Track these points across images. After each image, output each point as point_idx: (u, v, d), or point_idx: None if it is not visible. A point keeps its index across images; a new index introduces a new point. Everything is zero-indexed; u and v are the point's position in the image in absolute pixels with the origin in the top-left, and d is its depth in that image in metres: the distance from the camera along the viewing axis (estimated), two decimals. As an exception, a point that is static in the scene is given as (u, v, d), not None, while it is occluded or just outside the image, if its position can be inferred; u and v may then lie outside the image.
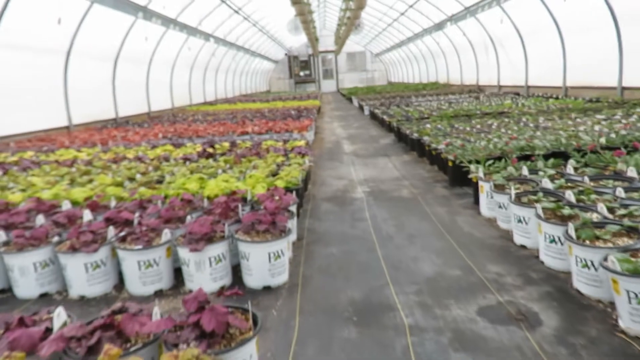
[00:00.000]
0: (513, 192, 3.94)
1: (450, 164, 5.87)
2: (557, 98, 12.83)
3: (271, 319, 2.94)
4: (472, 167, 5.06)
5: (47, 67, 10.72)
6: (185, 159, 6.67)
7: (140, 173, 5.87)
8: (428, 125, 8.68)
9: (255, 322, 2.23)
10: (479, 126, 8.49)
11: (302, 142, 7.45)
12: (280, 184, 4.82)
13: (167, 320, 2.03)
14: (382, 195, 5.75)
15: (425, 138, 7.55)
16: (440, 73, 25.65)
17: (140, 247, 3.33)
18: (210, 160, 6.45)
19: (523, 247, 3.79)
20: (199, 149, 7.46)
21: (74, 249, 3.33)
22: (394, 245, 4.07)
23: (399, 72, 35.98)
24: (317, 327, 2.81)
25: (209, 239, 3.36)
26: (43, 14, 9.25)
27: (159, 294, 3.41)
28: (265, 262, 3.34)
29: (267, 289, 3.37)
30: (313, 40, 26.79)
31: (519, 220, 3.77)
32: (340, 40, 28.29)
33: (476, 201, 4.99)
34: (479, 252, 3.78)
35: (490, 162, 5.18)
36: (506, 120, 9.06)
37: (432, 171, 6.92)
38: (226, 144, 7.64)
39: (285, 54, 39.12)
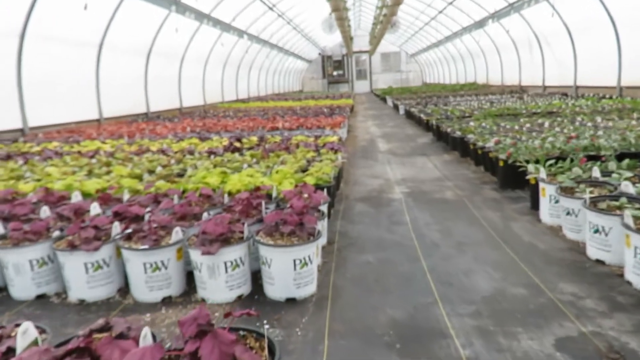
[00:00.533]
0: (587, 196, 3.27)
1: (501, 163, 5.21)
2: (610, 98, 11.82)
3: (294, 340, 2.41)
4: (531, 167, 4.39)
5: (79, 60, 10.60)
6: (210, 153, 6.25)
7: (162, 166, 5.47)
8: (472, 124, 7.98)
9: (271, 352, 1.71)
10: (528, 125, 7.73)
11: (334, 138, 6.91)
12: (310, 180, 4.30)
13: (155, 349, 1.52)
14: (423, 197, 5.14)
15: (470, 136, 6.88)
16: (479, 73, 24.60)
17: (146, 246, 2.87)
18: (237, 155, 6.00)
19: (600, 262, 3.13)
20: (226, 142, 7.03)
21: (72, 247, 2.91)
22: (440, 254, 3.47)
23: (435, 72, 34.95)
24: (350, 355, 2.26)
25: (224, 240, 2.87)
26: (75, 5, 9.07)
27: (167, 301, 2.94)
28: (290, 270, 2.82)
29: (291, 301, 2.85)
30: (347, 39, 26.24)
31: (596, 231, 3.11)
32: (375, 40, 27.62)
33: (534, 206, 4.33)
34: (545, 267, 3.14)
35: (550, 162, 4.50)
36: (558, 119, 8.25)
37: (478, 172, 6.25)
38: (254, 139, 7.19)
39: (319, 54, 38.71)
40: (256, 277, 3.07)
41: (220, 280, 2.83)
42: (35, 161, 5.92)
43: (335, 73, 38.95)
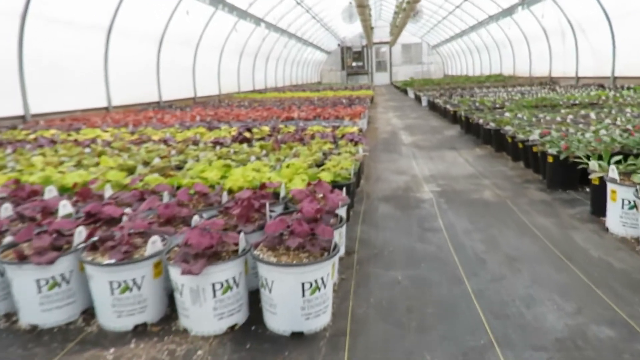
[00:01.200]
0: (686, 203, 2.50)
1: (550, 159, 4.42)
2: (655, 90, 10.78)
3: (300, 400, 1.73)
4: (593, 164, 3.61)
5: (87, 44, 10.07)
6: (216, 143, 5.59)
7: (160, 157, 4.84)
8: (507, 114, 7.16)
9: None
10: (571, 117, 6.87)
11: (354, 129, 6.19)
12: (325, 177, 3.60)
13: None
14: (457, 197, 4.40)
15: (507, 128, 6.08)
16: (505, 65, 23.44)
17: (112, 261, 2.22)
18: (245, 146, 5.33)
19: None
20: (235, 132, 6.37)
21: (21, 258, 2.27)
22: (488, 273, 2.74)
23: (457, 64, 33.75)
24: None
25: (213, 254, 2.20)
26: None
27: (140, 330, 2.29)
28: (297, 296, 2.14)
29: (297, 336, 2.17)
30: (368, 28, 25.32)
31: (701, 250, 2.35)
32: (397, 30, 26.64)
33: (596, 211, 3.56)
34: (630, 295, 2.39)
35: (616, 159, 3.70)
36: (604, 110, 7.36)
37: (517, 168, 5.46)
38: (266, 128, 6.51)
39: (338, 45, 37.81)
40: (256, 299, 2.40)
41: (206, 307, 2.16)
42: (25, 150, 5.35)
43: (354, 64, 38.03)
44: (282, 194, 3.19)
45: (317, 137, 5.46)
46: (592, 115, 6.87)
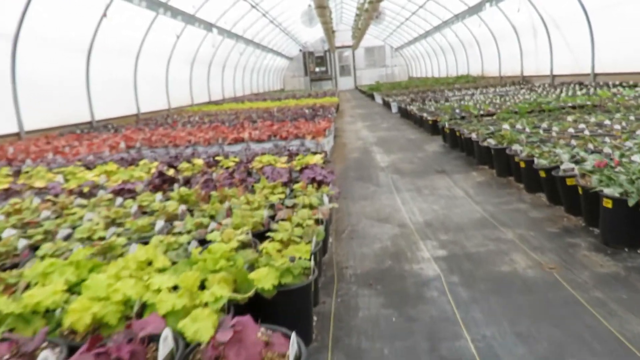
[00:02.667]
0: None
1: (607, 203, 2.92)
2: (646, 87, 9.67)
3: None
4: None
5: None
6: (121, 193, 3.86)
7: (21, 224, 3.11)
8: (506, 127, 5.69)
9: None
10: (583, 125, 5.47)
11: (316, 158, 4.55)
12: (264, 278, 1.96)
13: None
14: (477, 271, 2.82)
15: (516, 148, 4.59)
16: (473, 65, 22.41)
17: None
18: (158, 197, 3.61)
19: None
20: (155, 170, 4.63)
21: None
22: None
23: (422, 66, 32.75)
24: None
25: None
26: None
27: None
28: None
29: None
30: (329, 32, 23.84)
31: None
32: (359, 32, 25.28)
33: None
34: None
35: None
36: (617, 116, 6.02)
37: (542, 206, 3.96)
38: (199, 162, 4.78)
39: (300, 50, 36.22)
40: None
41: None
42: None
43: (317, 70, 36.53)
44: (162, 352, 1.50)
45: (266, 177, 3.79)
46: (608, 122, 5.50)
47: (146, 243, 2.63)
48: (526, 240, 3.22)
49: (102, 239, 2.87)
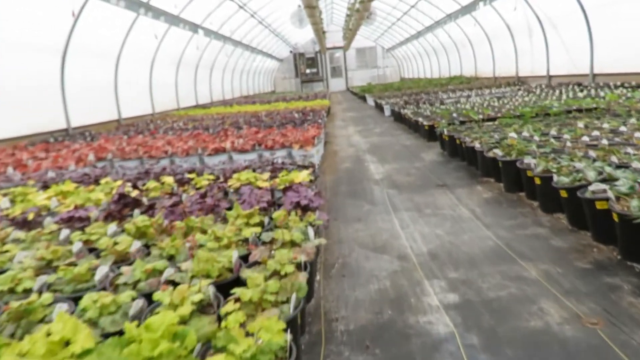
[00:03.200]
0: None
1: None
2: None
3: None
4: None
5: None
6: (70, 220, 3.24)
7: None
8: (512, 135, 5.13)
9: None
10: (597, 133, 4.94)
11: (303, 175, 3.95)
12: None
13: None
14: (499, 326, 2.24)
15: (530, 162, 4.03)
16: (466, 65, 21.93)
17: None
18: (110, 229, 2.99)
19: None
20: (120, 188, 4.00)
21: None
22: None
23: (414, 67, 32.27)
24: None
25: None
26: None
27: None
28: None
29: None
30: (320, 33, 23.27)
31: None
32: (350, 33, 24.73)
33: None
34: None
35: None
36: (632, 121, 5.49)
37: (563, 230, 3.39)
38: (169, 180, 4.16)
39: (290, 51, 35.60)
40: None
41: None
42: None
43: (308, 71, 35.92)
44: None
45: (237, 208, 3.17)
46: (623, 128, 4.97)
47: (80, 298, 2.04)
48: (554, 279, 2.65)
49: (27, 291, 2.27)
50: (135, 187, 4.07)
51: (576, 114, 6.75)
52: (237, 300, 1.91)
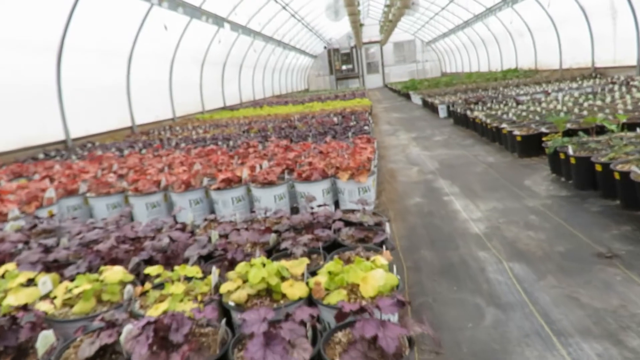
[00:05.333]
0: None
1: None
2: None
3: None
4: None
5: None
6: None
7: None
8: None
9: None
10: None
11: (377, 279, 1.86)
12: None
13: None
14: None
15: None
16: (523, 56, 19.14)
17: None
18: None
19: None
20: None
21: None
22: None
23: (457, 61, 29.48)
24: None
25: None
26: None
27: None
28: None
29: None
30: (357, 25, 21.04)
31: None
32: (390, 25, 22.36)
33: None
34: None
35: None
36: None
37: None
38: (114, 279, 2.15)
39: (325, 47, 33.46)
40: None
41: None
42: None
43: (344, 68, 33.69)
44: None
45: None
46: None
47: None
48: None
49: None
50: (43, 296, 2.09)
51: None
52: None
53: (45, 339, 1.67)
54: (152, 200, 4.25)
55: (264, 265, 1.96)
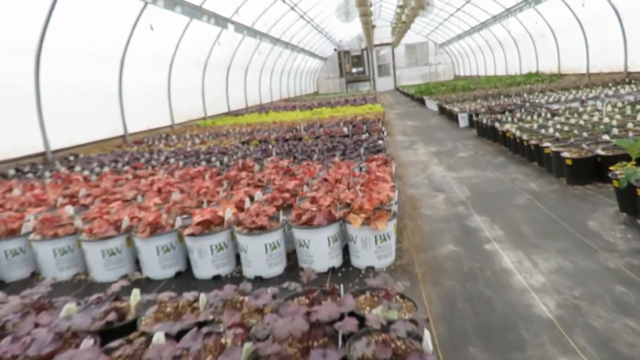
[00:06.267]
0: None
1: None
2: None
3: None
4: None
5: None
6: None
7: None
8: None
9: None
10: None
11: None
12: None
13: None
14: None
15: None
16: (544, 60, 17.97)
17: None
18: None
19: None
20: None
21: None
22: None
23: (472, 64, 28.29)
24: None
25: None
26: None
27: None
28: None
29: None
30: (369, 26, 20.01)
31: None
32: (403, 26, 21.31)
33: None
34: None
35: None
36: None
37: None
38: None
39: (335, 49, 32.47)
40: None
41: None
42: None
43: (354, 70, 32.66)
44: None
45: None
46: None
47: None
48: None
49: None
50: None
51: None
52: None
53: None
54: (109, 247, 3.28)
55: None
